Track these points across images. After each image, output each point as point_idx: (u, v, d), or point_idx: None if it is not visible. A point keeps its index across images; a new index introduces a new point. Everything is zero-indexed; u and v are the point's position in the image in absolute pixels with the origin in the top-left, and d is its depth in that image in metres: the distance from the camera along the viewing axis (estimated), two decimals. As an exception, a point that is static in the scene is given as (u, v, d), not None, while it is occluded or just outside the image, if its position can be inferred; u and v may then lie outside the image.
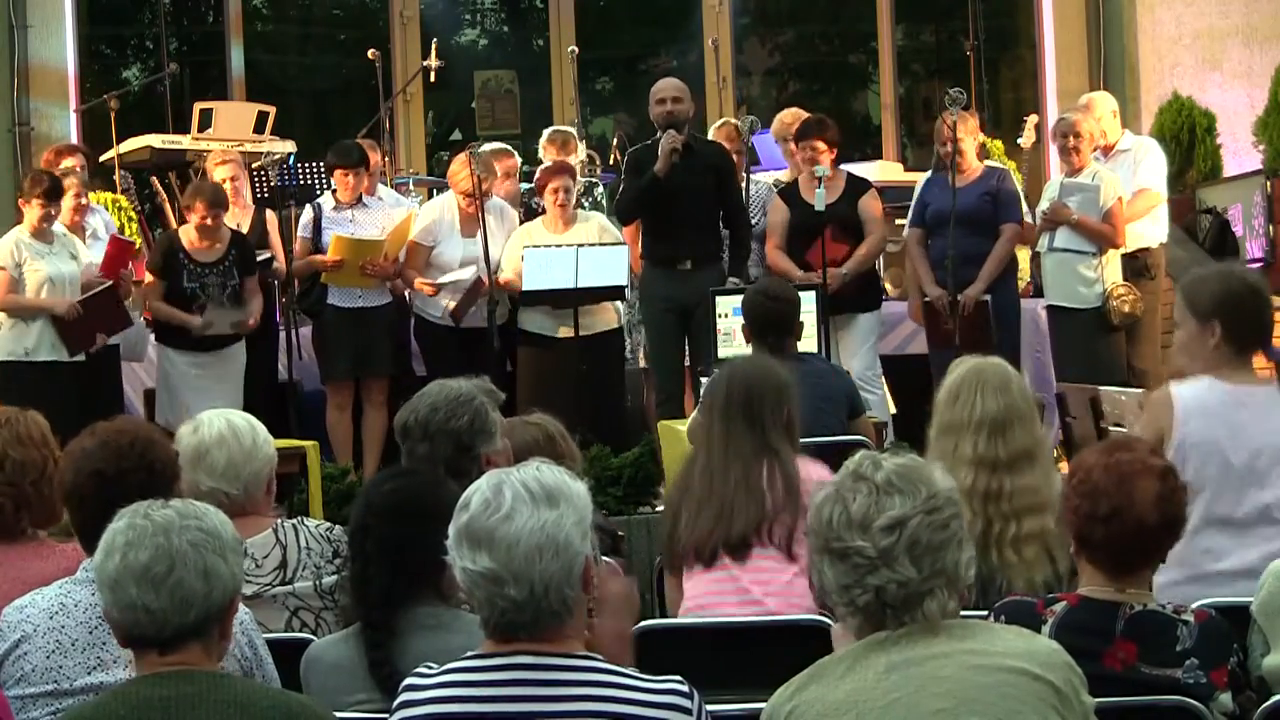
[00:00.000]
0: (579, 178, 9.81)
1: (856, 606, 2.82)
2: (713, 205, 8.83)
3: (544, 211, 9.39)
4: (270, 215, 9.61)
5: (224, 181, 9.33)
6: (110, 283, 8.78)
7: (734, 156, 9.34)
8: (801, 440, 4.81)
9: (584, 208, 9.76)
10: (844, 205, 8.96)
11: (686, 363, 8.94)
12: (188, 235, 8.97)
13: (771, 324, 6.76)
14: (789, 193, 9.20)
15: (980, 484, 4.42)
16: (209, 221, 8.84)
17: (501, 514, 2.85)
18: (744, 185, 9.23)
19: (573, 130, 10.72)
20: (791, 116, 9.83)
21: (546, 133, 10.59)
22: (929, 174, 9.47)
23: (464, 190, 9.14)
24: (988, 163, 9.43)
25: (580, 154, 10.58)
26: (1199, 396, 4.53)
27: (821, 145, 8.93)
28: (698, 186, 8.70)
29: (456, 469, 4.31)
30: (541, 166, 9.77)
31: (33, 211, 8.57)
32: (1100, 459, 3.57)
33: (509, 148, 10.43)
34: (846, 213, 8.95)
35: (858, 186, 9.15)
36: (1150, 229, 9.40)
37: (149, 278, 9.10)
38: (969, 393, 4.53)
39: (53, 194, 8.59)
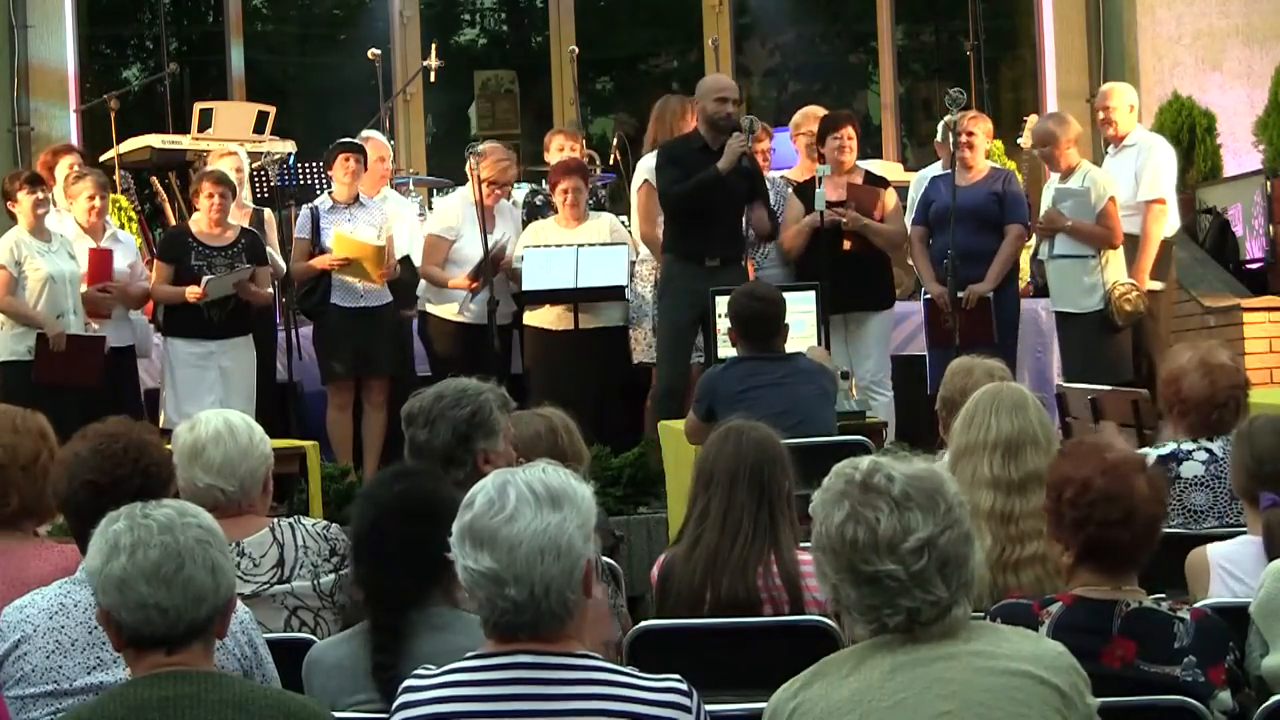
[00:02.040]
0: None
1: (885, 625, 2.79)
2: (740, 208, 8.76)
3: (552, 209, 9.45)
4: (269, 215, 9.61)
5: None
6: (102, 335, 8.72)
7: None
8: (796, 441, 4.70)
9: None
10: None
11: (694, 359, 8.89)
12: (197, 224, 9.03)
13: (756, 324, 6.75)
14: (804, 191, 9.18)
15: (997, 506, 4.34)
16: (216, 199, 8.85)
17: (505, 515, 2.85)
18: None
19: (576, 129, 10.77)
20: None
21: (555, 131, 10.60)
22: (935, 170, 9.47)
23: (492, 179, 9.15)
24: (992, 164, 9.43)
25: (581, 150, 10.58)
26: (1231, 555, 4.20)
27: (853, 133, 9.03)
28: (732, 188, 8.65)
29: (451, 458, 4.34)
30: (555, 163, 9.75)
31: (24, 206, 8.54)
32: (1094, 465, 3.54)
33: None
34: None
35: (876, 184, 9.18)
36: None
37: (156, 266, 9.09)
38: (984, 414, 4.46)
39: (34, 180, 8.63)
